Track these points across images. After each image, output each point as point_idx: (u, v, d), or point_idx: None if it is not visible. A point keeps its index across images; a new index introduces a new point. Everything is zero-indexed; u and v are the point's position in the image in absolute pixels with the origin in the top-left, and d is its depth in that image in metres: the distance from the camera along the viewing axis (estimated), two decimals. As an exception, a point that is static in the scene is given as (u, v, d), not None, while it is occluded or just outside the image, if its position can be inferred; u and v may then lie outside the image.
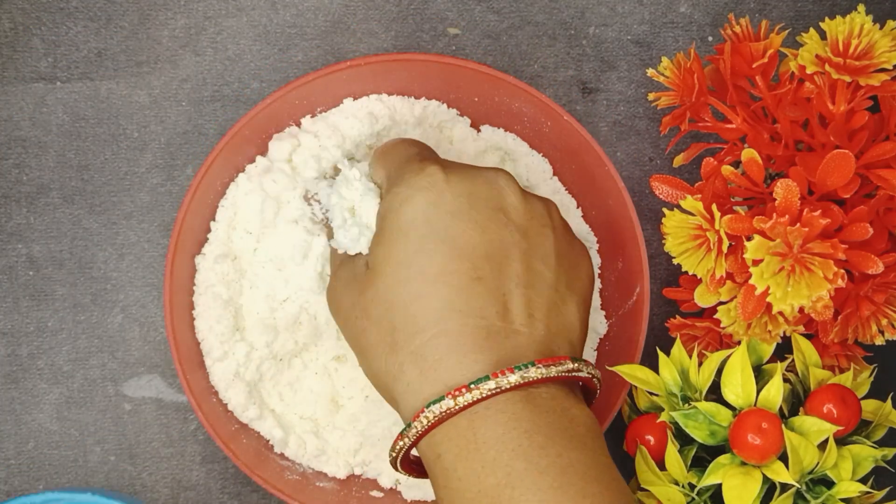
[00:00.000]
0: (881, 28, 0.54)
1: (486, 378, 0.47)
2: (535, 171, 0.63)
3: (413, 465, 0.52)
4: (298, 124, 0.61)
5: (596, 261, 0.63)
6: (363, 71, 0.60)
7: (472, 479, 0.47)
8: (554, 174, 0.63)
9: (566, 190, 0.63)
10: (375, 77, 0.60)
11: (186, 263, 0.60)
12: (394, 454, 0.50)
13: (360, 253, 0.55)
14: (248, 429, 0.60)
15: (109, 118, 0.65)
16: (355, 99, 0.61)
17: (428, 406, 0.48)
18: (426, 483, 0.60)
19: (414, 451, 0.51)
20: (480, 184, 0.52)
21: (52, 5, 0.65)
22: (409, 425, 0.49)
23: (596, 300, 0.63)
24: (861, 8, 0.54)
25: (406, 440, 0.49)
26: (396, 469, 0.51)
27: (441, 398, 0.48)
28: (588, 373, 0.50)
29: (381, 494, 0.61)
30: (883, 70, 0.53)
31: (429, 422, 0.48)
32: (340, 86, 0.60)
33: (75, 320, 0.64)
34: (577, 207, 0.63)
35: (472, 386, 0.47)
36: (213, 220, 0.60)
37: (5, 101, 0.64)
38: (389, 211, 0.52)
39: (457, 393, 0.47)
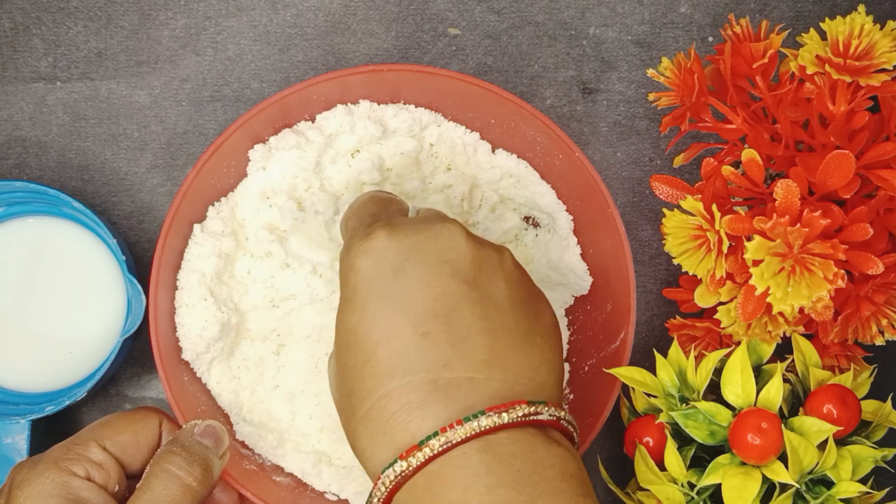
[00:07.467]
0: (881, 28, 0.54)
1: (435, 434, 0.46)
2: (542, 202, 0.62)
3: None
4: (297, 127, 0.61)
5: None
6: (369, 77, 0.59)
7: None
8: (559, 208, 0.62)
9: (572, 228, 0.62)
10: (383, 84, 0.60)
11: (175, 262, 0.59)
12: None
13: None
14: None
15: (109, 118, 0.65)
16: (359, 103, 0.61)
17: (383, 471, 0.46)
18: None
19: None
20: (424, 238, 0.50)
21: (52, 5, 0.65)
22: (370, 493, 0.47)
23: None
24: (861, 8, 0.54)
25: None
26: None
27: (394, 461, 0.46)
28: (550, 415, 0.48)
29: (334, 498, 0.61)
30: (883, 70, 0.53)
31: (387, 488, 0.46)
32: (338, 91, 0.60)
33: (75, 320, 0.64)
34: (577, 244, 0.62)
35: (422, 444, 0.46)
36: (203, 221, 0.60)
37: (5, 101, 0.64)
38: (340, 279, 0.51)
39: (407, 454, 0.46)
